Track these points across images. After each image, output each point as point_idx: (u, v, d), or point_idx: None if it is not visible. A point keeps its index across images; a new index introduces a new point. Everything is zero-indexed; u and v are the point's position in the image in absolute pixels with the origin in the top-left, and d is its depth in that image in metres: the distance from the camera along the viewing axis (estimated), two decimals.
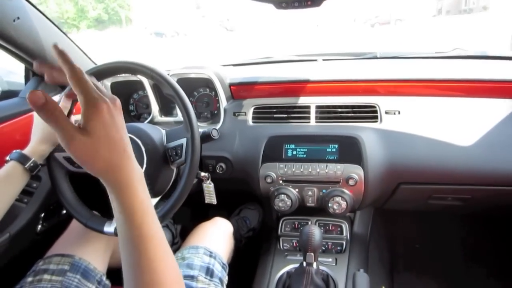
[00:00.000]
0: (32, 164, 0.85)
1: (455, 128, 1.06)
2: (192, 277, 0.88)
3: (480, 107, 1.09)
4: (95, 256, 0.97)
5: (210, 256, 0.97)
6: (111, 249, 1.07)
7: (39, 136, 0.88)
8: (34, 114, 0.92)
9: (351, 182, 1.04)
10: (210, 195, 1.10)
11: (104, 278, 0.96)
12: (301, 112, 1.19)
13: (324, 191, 1.09)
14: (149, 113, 1.32)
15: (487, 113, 1.08)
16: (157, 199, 0.96)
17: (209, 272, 0.92)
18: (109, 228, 0.91)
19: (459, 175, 1.04)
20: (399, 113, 1.11)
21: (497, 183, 1.04)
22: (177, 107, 1.25)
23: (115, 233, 0.90)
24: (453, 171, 1.04)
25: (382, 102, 1.14)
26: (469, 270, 1.55)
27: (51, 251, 0.96)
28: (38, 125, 0.90)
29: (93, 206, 1.00)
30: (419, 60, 1.43)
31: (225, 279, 0.99)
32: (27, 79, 1.27)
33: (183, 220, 1.66)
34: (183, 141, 0.89)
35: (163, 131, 0.96)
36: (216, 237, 1.07)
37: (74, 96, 0.85)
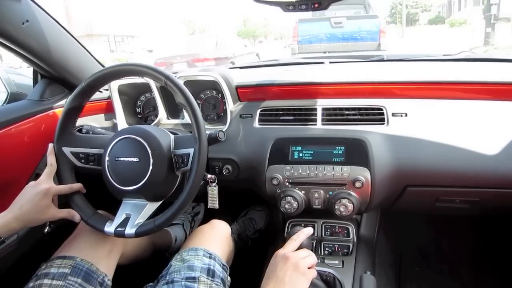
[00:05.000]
0: None
1: (463, 131, 1.06)
2: (194, 279, 0.88)
3: (488, 109, 1.09)
4: (99, 257, 0.97)
5: (210, 257, 0.97)
6: (119, 251, 1.06)
7: (17, 213, 0.86)
8: (28, 186, 0.90)
9: (357, 184, 1.04)
10: (213, 200, 1.10)
11: (106, 279, 0.96)
12: (308, 115, 1.19)
13: (330, 193, 1.08)
14: (156, 115, 1.33)
15: (495, 115, 1.07)
16: (159, 203, 0.96)
17: (210, 273, 0.93)
18: (109, 228, 0.92)
19: (467, 178, 1.04)
20: (406, 115, 1.11)
21: (506, 185, 1.04)
22: (184, 111, 1.26)
23: (115, 234, 0.90)
24: (461, 173, 1.03)
25: (389, 105, 1.13)
26: (477, 273, 1.53)
27: (55, 254, 0.95)
28: (24, 199, 0.88)
29: (99, 206, 1.00)
30: (426, 63, 1.42)
31: (227, 280, 0.99)
32: (35, 81, 1.28)
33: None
34: (191, 151, 0.90)
35: (172, 136, 0.97)
36: (214, 239, 1.06)
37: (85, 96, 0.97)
